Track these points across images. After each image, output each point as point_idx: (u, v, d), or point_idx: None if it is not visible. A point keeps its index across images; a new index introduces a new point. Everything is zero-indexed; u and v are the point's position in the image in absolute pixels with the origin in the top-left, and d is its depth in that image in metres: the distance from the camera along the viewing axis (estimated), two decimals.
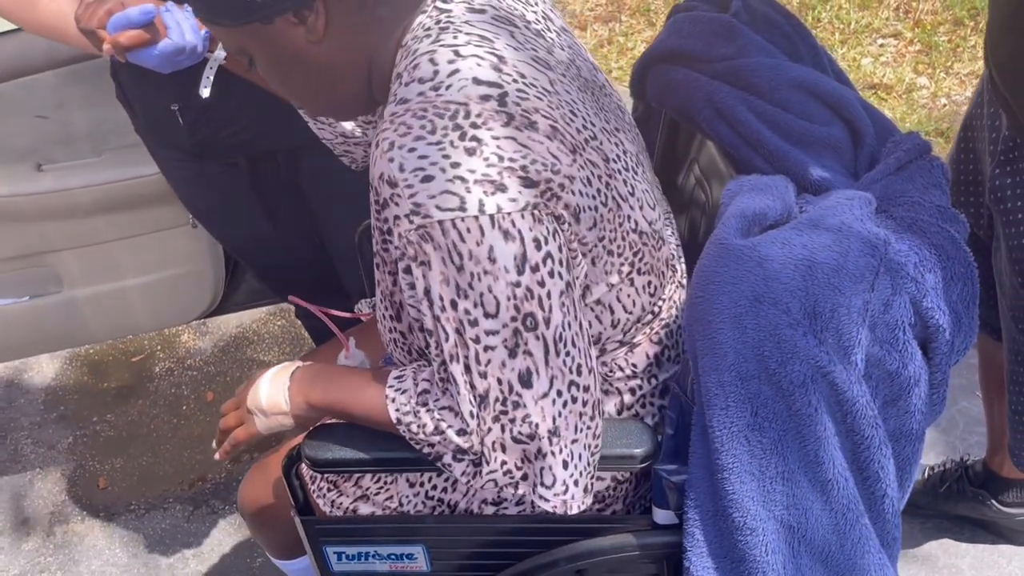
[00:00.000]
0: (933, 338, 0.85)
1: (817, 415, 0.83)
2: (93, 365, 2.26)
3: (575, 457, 0.86)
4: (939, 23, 2.74)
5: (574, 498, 0.87)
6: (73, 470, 2.01)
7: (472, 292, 0.80)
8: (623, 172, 0.89)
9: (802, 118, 1.01)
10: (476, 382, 0.83)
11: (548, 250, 0.80)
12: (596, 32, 3.10)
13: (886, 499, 0.87)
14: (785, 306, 0.81)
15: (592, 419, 0.86)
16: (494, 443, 0.86)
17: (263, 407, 0.99)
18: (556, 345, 0.82)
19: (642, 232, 0.91)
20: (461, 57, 0.81)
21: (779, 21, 1.12)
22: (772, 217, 0.90)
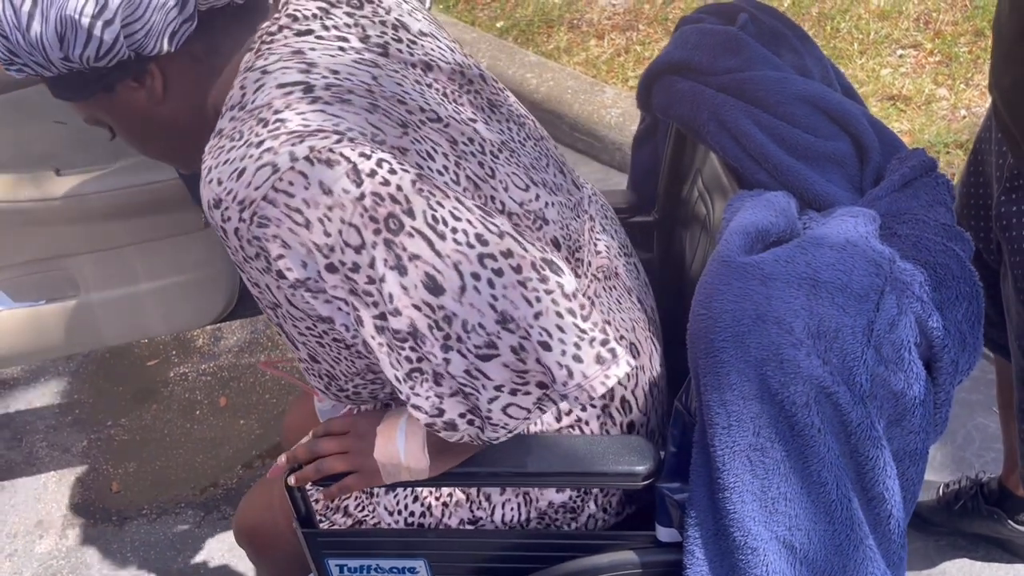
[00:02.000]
0: (938, 358, 0.84)
1: (820, 436, 0.82)
2: (108, 369, 2.27)
3: (555, 335, 0.77)
4: (959, 34, 2.71)
5: (586, 376, 0.79)
6: (87, 473, 2.03)
7: (332, 238, 0.75)
8: (477, 155, 0.88)
9: (807, 132, 1.00)
10: (396, 325, 0.77)
11: (379, 157, 0.76)
12: (614, 41, 3.10)
13: (891, 519, 0.86)
14: (788, 325, 0.80)
15: (544, 280, 0.78)
16: (467, 371, 0.79)
17: (403, 463, 0.92)
18: (435, 228, 0.76)
19: (511, 213, 0.89)
20: (268, 73, 0.81)
21: (787, 34, 1.11)
22: (775, 234, 0.89)
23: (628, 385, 1.01)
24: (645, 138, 1.33)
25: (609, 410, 0.99)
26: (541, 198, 0.93)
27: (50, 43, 0.79)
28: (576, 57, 3.07)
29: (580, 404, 0.83)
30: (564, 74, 2.96)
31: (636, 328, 1.03)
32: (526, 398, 0.81)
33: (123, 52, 0.80)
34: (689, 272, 1.22)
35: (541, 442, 0.98)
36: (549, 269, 0.79)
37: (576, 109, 2.82)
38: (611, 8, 3.28)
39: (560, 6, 3.36)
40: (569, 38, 3.18)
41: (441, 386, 0.81)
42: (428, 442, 0.92)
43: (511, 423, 0.83)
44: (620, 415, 1.00)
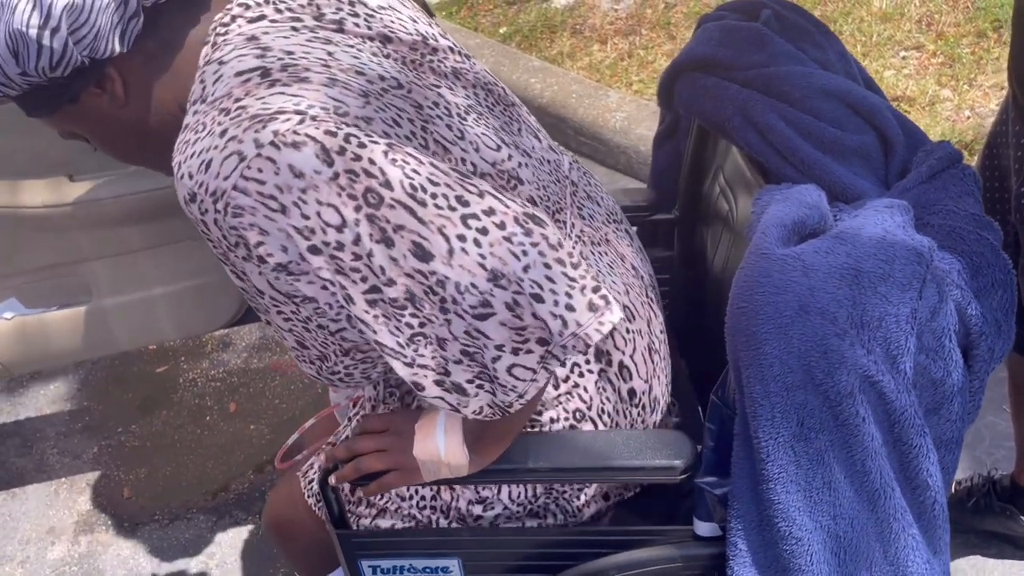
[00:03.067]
0: (975, 345, 0.85)
1: (865, 425, 0.82)
2: (118, 375, 2.27)
3: (545, 286, 0.77)
4: (962, 35, 2.73)
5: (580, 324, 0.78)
6: (98, 480, 2.02)
7: (312, 220, 0.75)
8: (444, 118, 0.87)
9: (833, 126, 1.01)
10: (392, 294, 0.77)
11: (346, 132, 0.76)
12: (616, 45, 3.11)
13: (936, 506, 0.87)
14: (832, 316, 0.80)
15: (529, 233, 0.78)
16: (467, 332, 0.79)
17: (443, 459, 0.92)
18: (415, 196, 0.76)
19: (484, 174, 0.88)
20: (224, 63, 0.81)
21: (809, 30, 1.12)
22: (811, 226, 0.90)
23: (625, 350, 1.00)
24: (666, 137, 1.33)
25: (607, 375, 0.99)
26: (514, 158, 0.92)
27: (4, 60, 0.79)
28: (579, 62, 3.08)
29: (579, 352, 0.81)
30: (568, 79, 2.97)
31: (630, 292, 1.03)
32: (528, 357, 0.81)
33: (76, 59, 0.80)
34: (712, 268, 1.23)
35: (577, 437, 0.98)
36: (532, 222, 0.79)
37: (580, 113, 2.82)
38: (613, 13, 3.30)
39: (563, 11, 3.37)
40: (572, 43, 3.19)
41: (446, 350, 0.81)
42: (466, 438, 0.92)
43: (520, 385, 0.82)
44: (619, 381, 1.00)
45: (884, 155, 1.01)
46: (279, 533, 1.22)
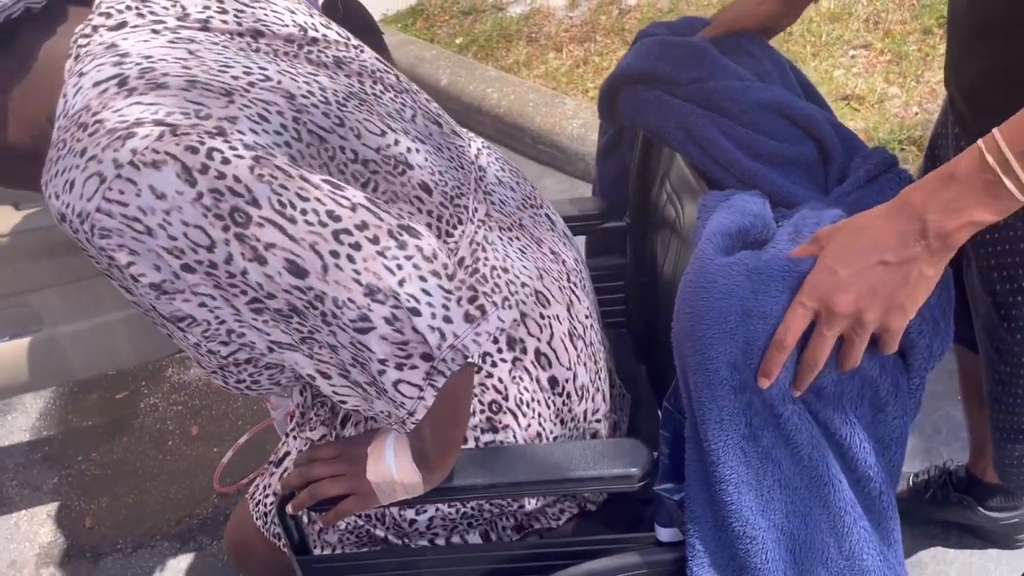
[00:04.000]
0: (913, 344, 0.86)
1: (801, 421, 0.84)
2: (77, 404, 2.23)
3: (422, 299, 0.77)
4: (908, 33, 2.78)
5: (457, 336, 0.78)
6: (59, 510, 1.98)
7: (180, 241, 0.74)
8: (320, 106, 0.85)
9: (772, 138, 1.02)
10: (275, 306, 0.76)
11: (208, 147, 0.73)
12: (572, 53, 3.13)
13: (883, 497, 0.88)
14: (775, 319, 0.82)
15: (403, 247, 0.77)
16: (352, 343, 0.78)
17: (396, 480, 0.91)
18: (285, 213, 0.74)
19: (367, 160, 0.86)
20: (84, 75, 0.79)
21: (743, 43, 1.14)
22: (754, 234, 0.91)
23: (541, 336, 0.98)
24: (610, 150, 1.34)
25: (523, 364, 0.97)
26: (402, 143, 0.91)
27: None
28: (536, 70, 3.09)
29: (458, 366, 0.80)
30: (524, 87, 2.98)
31: (545, 277, 1.00)
32: (413, 373, 0.80)
33: None
34: (662, 273, 1.23)
35: (534, 450, 0.98)
36: (407, 234, 0.78)
37: (538, 122, 2.84)
38: (568, 21, 3.32)
39: (518, 20, 3.38)
40: (528, 52, 3.20)
41: (339, 355, 0.80)
42: (413, 456, 0.91)
43: (407, 403, 0.81)
44: (536, 369, 0.97)
45: (823, 164, 1.03)
46: (237, 556, 1.21)
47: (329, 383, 0.85)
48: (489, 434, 0.98)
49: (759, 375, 0.83)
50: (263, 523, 1.12)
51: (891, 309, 0.79)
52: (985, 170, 0.73)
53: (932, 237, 0.76)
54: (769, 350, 0.83)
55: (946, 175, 0.76)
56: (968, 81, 0.98)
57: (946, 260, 0.78)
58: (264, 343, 0.83)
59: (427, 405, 0.82)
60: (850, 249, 0.80)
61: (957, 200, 0.75)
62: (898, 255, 0.77)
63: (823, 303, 0.80)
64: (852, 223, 0.82)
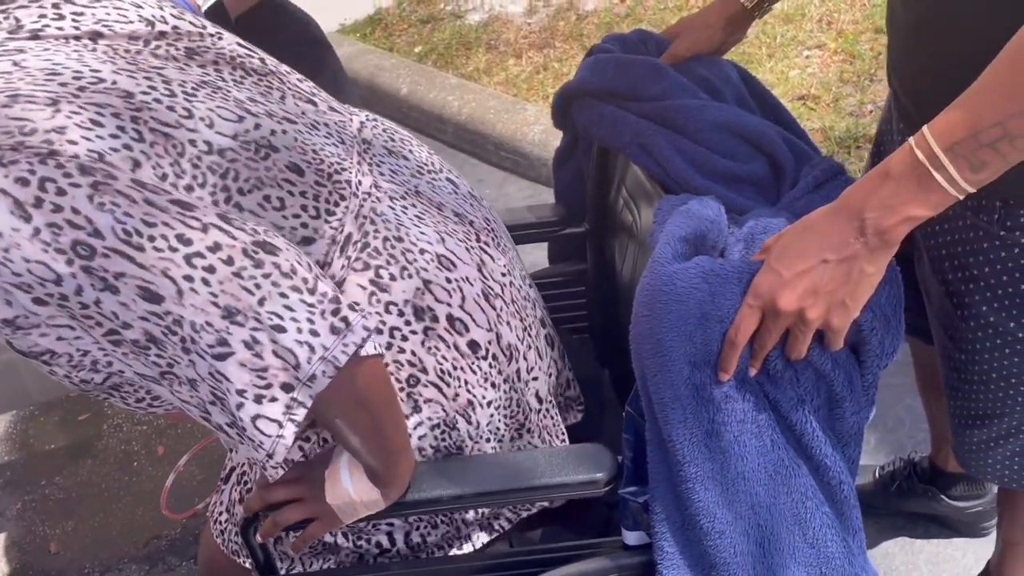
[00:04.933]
0: (865, 341, 0.88)
1: (760, 413, 0.86)
2: (39, 427, 2.19)
3: (286, 316, 0.75)
4: (860, 32, 2.83)
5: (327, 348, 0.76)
6: (23, 536, 1.95)
7: (25, 277, 0.71)
8: (164, 100, 0.82)
9: (725, 156, 1.05)
10: (132, 336, 0.74)
11: (40, 176, 0.71)
12: (532, 59, 3.14)
13: (844, 486, 0.90)
14: (731, 320, 0.84)
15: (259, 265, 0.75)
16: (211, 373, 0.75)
17: (354, 499, 0.91)
18: (130, 241, 0.72)
19: (224, 149, 0.83)
20: None
21: (692, 64, 1.16)
22: (710, 239, 0.93)
23: (451, 301, 0.95)
24: (566, 156, 1.35)
25: (436, 332, 0.94)
26: (263, 127, 0.88)
27: None
28: (496, 77, 3.10)
29: (328, 379, 0.77)
30: (485, 94, 2.98)
31: (447, 240, 0.98)
32: (273, 406, 0.77)
33: None
34: (621, 278, 1.24)
35: (500, 460, 0.99)
36: (263, 251, 0.77)
37: (499, 128, 2.84)
38: (527, 27, 3.33)
39: (476, 28, 3.39)
40: (488, 59, 3.21)
41: (199, 391, 0.78)
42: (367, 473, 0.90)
43: (266, 441, 0.78)
44: (452, 335, 0.95)
45: (776, 179, 1.05)
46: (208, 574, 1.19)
47: (202, 416, 0.82)
48: (415, 416, 0.95)
49: (718, 370, 0.86)
50: (221, 541, 1.11)
51: (833, 307, 0.81)
52: (916, 166, 0.75)
53: (871, 234, 0.78)
54: (723, 348, 0.84)
55: (882, 173, 0.77)
56: (910, 77, 1.00)
57: (887, 257, 0.80)
58: (131, 372, 0.81)
59: (287, 444, 0.79)
60: (793, 250, 0.82)
61: (893, 197, 0.76)
62: (838, 253, 0.79)
63: (768, 303, 0.82)
64: (795, 226, 0.84)
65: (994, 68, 0.73)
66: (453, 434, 0.97)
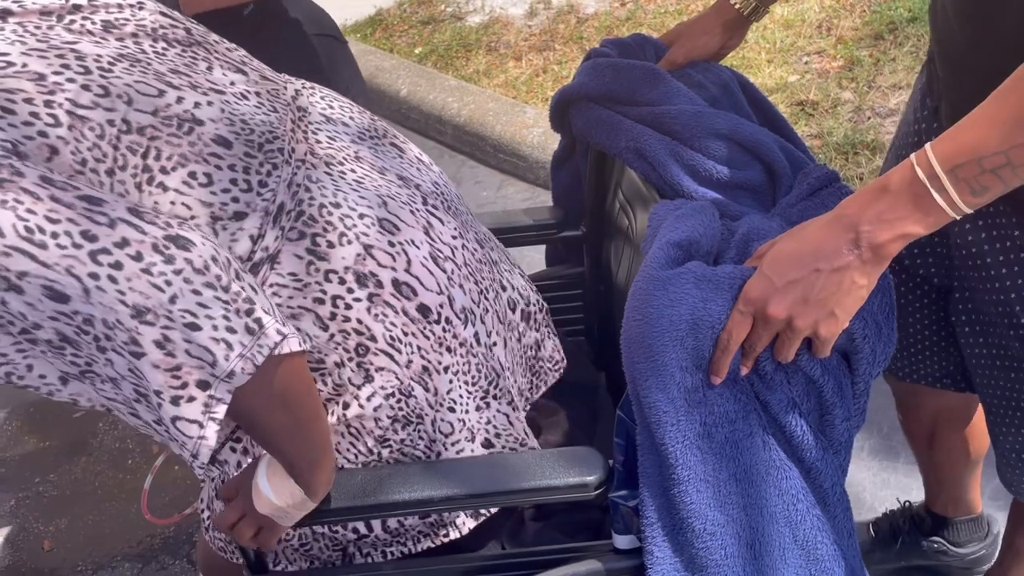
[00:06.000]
0: (857, 349, 0.88)
1: (752, 414, 0.87)
2: (33, 424, 2.19)
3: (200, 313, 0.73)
4: (860, 38, 2.83)
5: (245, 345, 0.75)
6: (16, 534, 1.94)
7: None
8: (78, 79, 0.79)
9: (721, 163, 1.05)
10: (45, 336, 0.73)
11: None
12: (532, 62, 3.14)
13: (835, 488, 0.90)
14: (723, 325, 0.84)
15: (170, 261, 0.73)
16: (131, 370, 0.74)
17: (281, 504, 0.90)
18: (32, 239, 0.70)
19: (143, 126, 0.80)
20: None
21: (689, 70, 1.16)
22: (705, 245, 0.93)
23: (396, 266, 0.92)
24: (563, 159, 1.35)
25: (381, 299, 0.91)
26: (187, 100, 0.84)
27: None
28: (496, 79, 3.10)
29: (248, 375, 0.76)
30: (485, 96, 2.98)
31: (389, 203, 0.95)
32: (191, 407, 0.75)
33: None
34: (617, 281, 1.25)
35: (488, 461, 0.99)
36: (175, 246, 0.74)
37: (499, 130, 2.84)
38: (527, 30, 3.33)
39: (477, 30, 3.39)
40: (488, 61, 3.21)
41: (122, 389, 0.77)
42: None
43: (188, 442, 0.77)
44: (400, 300, 0.92)
45: (771, 186, 1.06)
46: (206, 573, 1.19)
47: (135, 421, 0.81)
48: (368, 386, 0.93)
49: (710, 374, 0.86)
50: (209, 538, 1.12)
51: (822, 317, 0.81)
52: (916, 184, 0.75)
53: (865, 247, 0.78)
54: (715, 352, 0.85)
55: (880, 187, 0.77)
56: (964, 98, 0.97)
57: (879, 271, 0.80)
58: (55, 375, 0.79)
59: (210, 445, 0.77)
60: (785, 258, 0.82)
61: (890, 212, 0.76)
62: (831, 263, 0.79)
63: (758, 309, 0.82)
64: (790, 233, 0.84)
65: (1004, 95, 0.72)
66: (411, 402, 0.95)
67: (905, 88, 2.62)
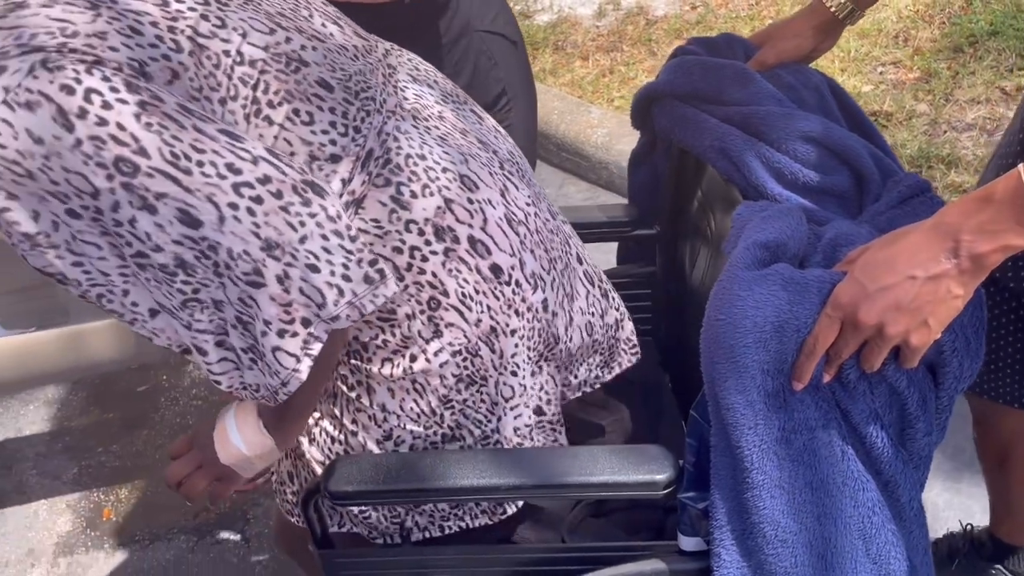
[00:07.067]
0: (946, 362, 0.86)
1: (832, 423, 0.85)
2: (98, 396, 2.25)
3: (322, 257, 0.77)
4: (938, 51, 2.77)
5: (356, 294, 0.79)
6: (78, 501, 2.00)
7: (62, 186, 0.72)
8: (199, 8, 0.81)
9: (807, 167, 1.03)
10: (161, 260, 0.75)
11: (86, 87, 0.71)
12: (598, 62, 3.13)
13: (913, 503, 0.88)
14: (809, 329, 0.83)
15: (307, 204, 0.77)
16: (240, 299, 0.77)
17: (247, 455, 0.92)
18: (178, 164, 0.72)
19: (254, 60, 0.82)
20: None
21: (779, 72, 1.15)
22: (792, 249, 0.91)
23: (472, 223, 0.92)
24: (642, 157, 1.34)
25: (456, 254, 0.91)
26: (294, 41, 0.86)
27: None
28: (561, 78, 3.10)
29: (352, 321, 0.80)
30: (550, 95, 2.98)
31: (470, 161, 0.95)
32: (292, 341, 0.79)
33: None
34: (691, 282, 1.23)
35: (558, 452, 0.98)
36: (312, 191, 0.78)
37: (562, 129, 2.84)
38: (595, 30, 3.32)
39: (544, 28, 3.39)
40: (554, 59, 3.21)
41: (223, 312, 0.79)
42: (264, 420, 0.91)
43: (282, 372, 0.81)
44: (474, 257, 0.92)
45: (859, 193, 1.03)
46: (283, 545, 1.22)
47: (204, 359, 0.83)
48: (436, 341, 0.93)
49: (792, 379, 0.84)
50: (280, 502, 1.14)
51: (915, 325, 0.79)
52: (1021, 195, 0.73)
53: (964, 257, 0.76)
54: (799, 357, 0.83)
55: (984, 196, 0.75)
56: None
57: (977, 282, 0.78)
58: (147, 305, 0.81)
59: (301, 378, 0.81)
60: (879, 263, 0.80)
61: (993, 223, 0.74)
62: (927, 271, 0.77)
63: (848, 314, 0.80)
64: (883, 239, 0.83)
65: None
66: (476, 361, 0.95)
67: (984, 103, 2.55)
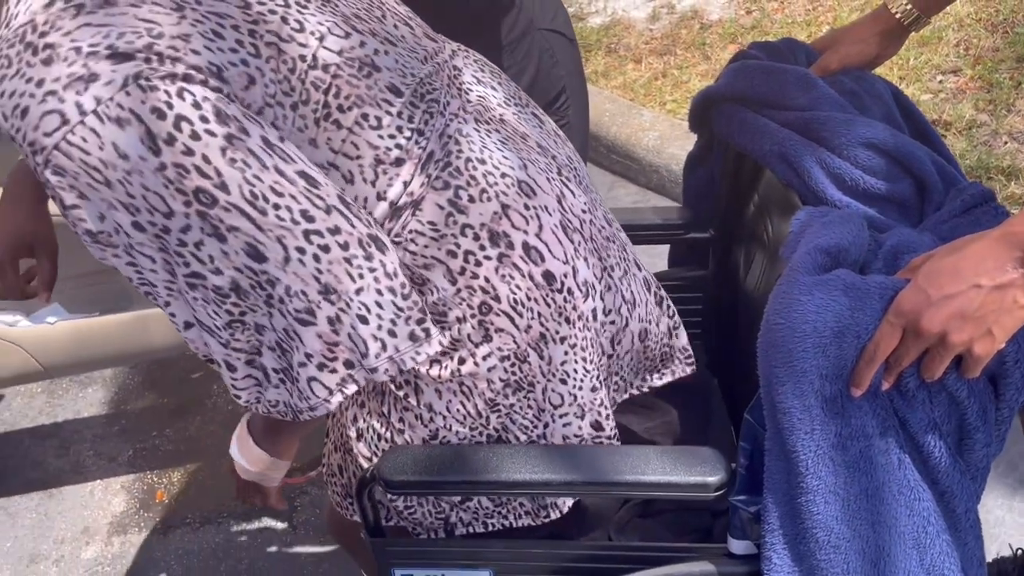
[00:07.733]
0: (1009, 373, 0.85)
1: (890, 430, 0.85)
2: (154, 381, 2.31)
3: (373, 310, 0.81)
4: (1000, 60, 2.71)
5: (398, 350, 0.83)
6: (132, 482, 2.06)
7: (137, 200, 0.73)
8: (279, 10, 0.82)
9: (868, 173, 1.03)
10: (217, 282, 0.77)
11: (177, 113, 0.73)
12: (651, 65, 3.12)
13: (969, 514, 0.88)
14: (869, 336, 0.83)
15: (370, 258, 0.80)
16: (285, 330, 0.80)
17: (254, 471, 1.01)
18: (255, 204, 0.75)
19: (328, 64, 0.83)
20: None
21: (841, 77, 1.14)
22: (853, 255, 0.91)
23: (528, 229, 0.92)
24: (699, 160, 1.34)
25: (510, 260, 0.91)
26: (368, 45, 0.87)
27: None
28: (613, 81, 3.10)
29: (390, 376, 0.84)
30: (602, 97, 2.99)
31: (529, 167, 0.95)
32: (331, 376, 0.82)
33: None
34: (745, 287, 1.23)
35: (610, 451, 0.99)
36: (375, 246, 0.81)
37: (614, 132, 2.84)
38: (648, 33, 3.32)
39: (598, 30, 3.40)
40: (607, 62, 3.21)
41: (263, 335, 0.82)
42: (256, 436, 0.97)
43: (313, 400, 0.84)
44: (527, 264, 0.92)
45: (921, 201, 1.03)
46: (334, 533, 1.26)
47: (231, 374, 0.86)
48: (485, 345, 0.93)
49: (851, 385, 0.84)
50: (331, 494, 1.17)
51: (979, 335, 0.78)
52: None
53: None
54: (859, 363, 0.83)
55: None
56: None
57: None
58: (184, 318, 0.84)
59: (331, 408, 0.84)
60: (944, 271, 0.80)
61: None
62: (993, 279, 0.77)
63: (911, 322, 0.80)
64: (948, 247, 0.82)
65: None
66: (524, 367, 0.95)
67: None
